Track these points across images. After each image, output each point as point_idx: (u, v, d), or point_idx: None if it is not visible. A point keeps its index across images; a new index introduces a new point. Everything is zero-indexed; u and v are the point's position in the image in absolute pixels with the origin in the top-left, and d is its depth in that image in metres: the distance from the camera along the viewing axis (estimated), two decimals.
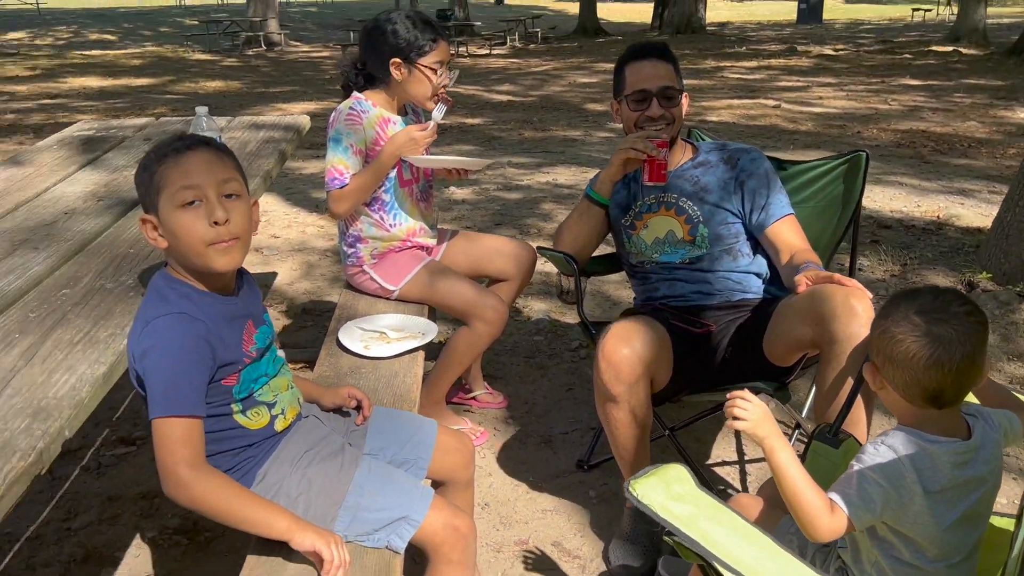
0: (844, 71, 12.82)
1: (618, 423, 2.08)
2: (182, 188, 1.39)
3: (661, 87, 2.34)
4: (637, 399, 2.05)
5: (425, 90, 2.48)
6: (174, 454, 1.36)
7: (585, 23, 22.18)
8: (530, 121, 9.01)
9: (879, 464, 1.36)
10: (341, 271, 4.26)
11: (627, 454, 2.13)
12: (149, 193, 1.41)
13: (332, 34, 22.98)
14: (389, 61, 2.44)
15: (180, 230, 1.40)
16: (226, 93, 11.87)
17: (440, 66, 2.47)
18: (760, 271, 2.40)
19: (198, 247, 1.41)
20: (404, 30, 2.44)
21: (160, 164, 1.40)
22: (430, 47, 2.44)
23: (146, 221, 1.43)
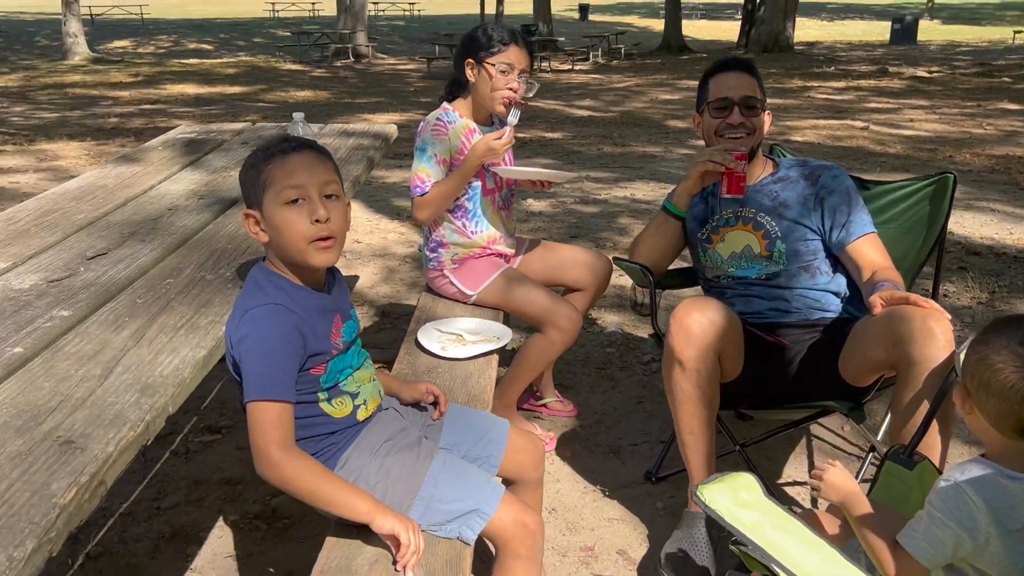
0: (938, 93, 12.45)
1: (684, 396, 2.09)
2: (287, 187, 1.48)
3: (743, 96, 2.36)
4: (706, 372, 2.05)
5: (489, 93, 2.53)
6: (266, 435, 1.44)
7: (669, 40, 22.08)
8: (610, 136, 9.03)
9: (950, 505, 1.33)
10: (420, 276, 4.38)
11: (691, 436, 2.12)
12: (254, 189, 1.51)
13: (418, 47, 23.44)
14: (464, 62, 2.54)
15: (283, 226, 1.49)
16: (315, 102, 12.25)
17: (509, 68, 2.50)
18: (839, 290, 2.38)
19: (299, 243, 1.49)
20: (482, 32, 2.54)
21: (267, 163, 1.50)
22: (499, 48, 2.50)
23: (249, 216, 1.53)
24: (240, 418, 2.98)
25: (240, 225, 2.28)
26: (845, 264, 2.35)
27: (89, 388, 1.38)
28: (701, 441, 2.12)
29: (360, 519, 1.49)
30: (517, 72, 2.53)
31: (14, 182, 6.75)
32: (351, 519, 1.50)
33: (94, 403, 1.34)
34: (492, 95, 2.53)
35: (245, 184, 1.54)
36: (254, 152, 1.55)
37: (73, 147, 8.36)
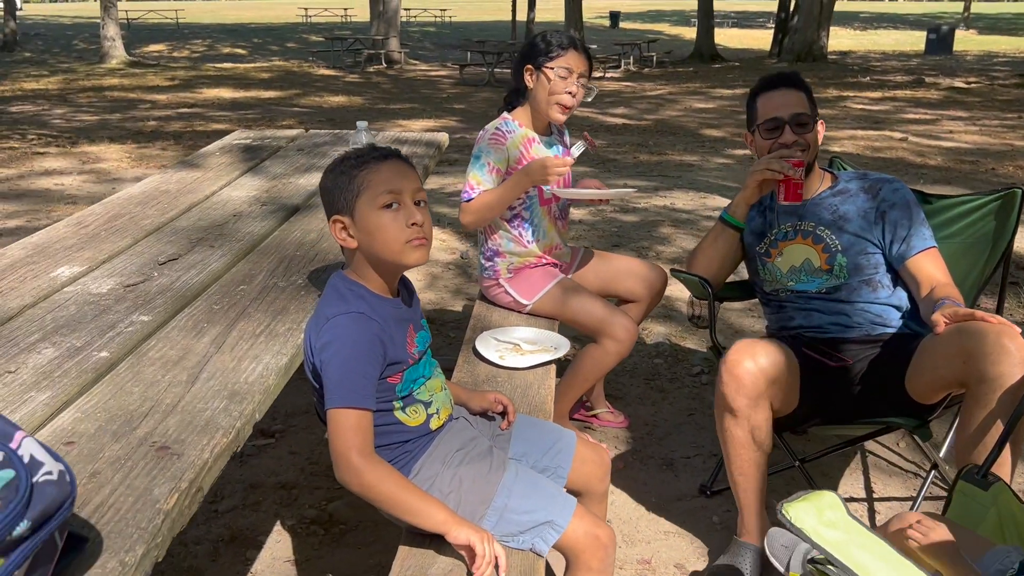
0: (976, 104, 12.29)
1: (735, 441, 2.09)
2: (385, 192, 1.51)
3: (793, 114, 2.34)
4: (758, 418, 2.05)
5: (545, 94, 2.53)
6: (347, 441, 1.45)
7: (701, 48, 22.00)
8: (645, 145, 9.01)
9: None
10: (463, 283, 4.40)
11: (742, 478, 2.12)
12: (346, 195, 1.53)
13: (449, 54, 23.57)
14: (523, 68, 2.55)
15: (381, 229, 1.52)
16: (349, 108, 12.34)
17: (568, 73, 2.50)
18: (900, 304, 2.35)
19: (395, 244, 1.53)
20: (541, 38, 2.55)
21: (361, 170, 1.53)
22: (558, 52, 2.50)
23: (338, 221, 1.55)
24: (293, 422, 3.01)
25: (307, 232, 2.30)
26: (904, 278, 2.32)
27: (177, 394, 1.40)
28: (751, 482, 2.12)
29: (436, 529, 1.50)
30: (576, 76, 2.53)
31: (59, 184, 6.87)
32: (427, 528, 1.51)
33: (184, 409, 1.36)
34: (549, 99, 2.53)
35: (333, 190, 1.56)
36: (340, 160, 1.57)
37: (114, 150, 8.49)
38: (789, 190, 2.30)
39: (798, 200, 2.31)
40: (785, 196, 2.31)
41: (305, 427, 2.99)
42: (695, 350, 3.61)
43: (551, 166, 2.40)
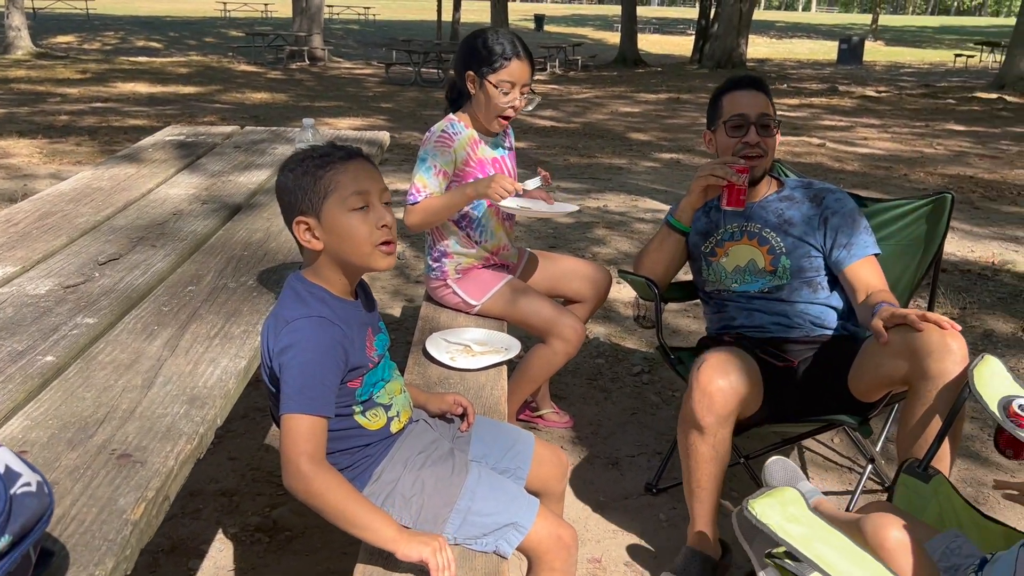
0: (887, 113, 12.84)
1: (699, 456, 2.10)
2: (354, 193, 1.48)
3: (759, 114, 2.38)
4: (723, 434, 2.08)
5: (490, 110, 2.50)
6: (298, 447, 1.41)
7: (625, 53, 22.35)
8: (575, 147, 9.09)
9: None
10: (403, 284, 4.36)
11: (699, 490, 2.14)
12: (311, 196, 1.48)
13: (374, 52, 23.32)
14: (465, 73, 2.50)
15: (351, 231, 1.48)
16: (272, 105, 12.08)
17: (510, 87, 2.46)
18: (837, 306, 2.42)
19: (366, 247, 1.49)
20: (483, 44, 2.46)
21: (327, 170, 1.48)
22: (501, 64, 2.44)
23: (301, 223, 1.50)
24: (232, 427, 2.92)
25: (252, 232, 2.24)
26: (843, 284, 2.39)
27: (134, 399, 1.35)
28: (708, 494, 2.14)
29: (384, 546, 1.45)
30: (519, 88, 2.49)
31: None
32: (374, 544, 1.46)
33: (142, 415, 1.30)
34: (489, 113, 2.50)
35: (295, 190, 1.51)
36: (301, 159, 1.52)
37: (24, 145, 8.09)
38: (732, 196, 2.33)
39: (741, 206, 2.35)
40: (728, 201, 2.35)
41: (245, 432, 2.91)
42: (635, 350, 3.65)
43: (500, 185, 2.37)
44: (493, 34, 2.49)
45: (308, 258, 1.57)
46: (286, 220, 1.54)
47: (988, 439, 2.95)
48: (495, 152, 2.63)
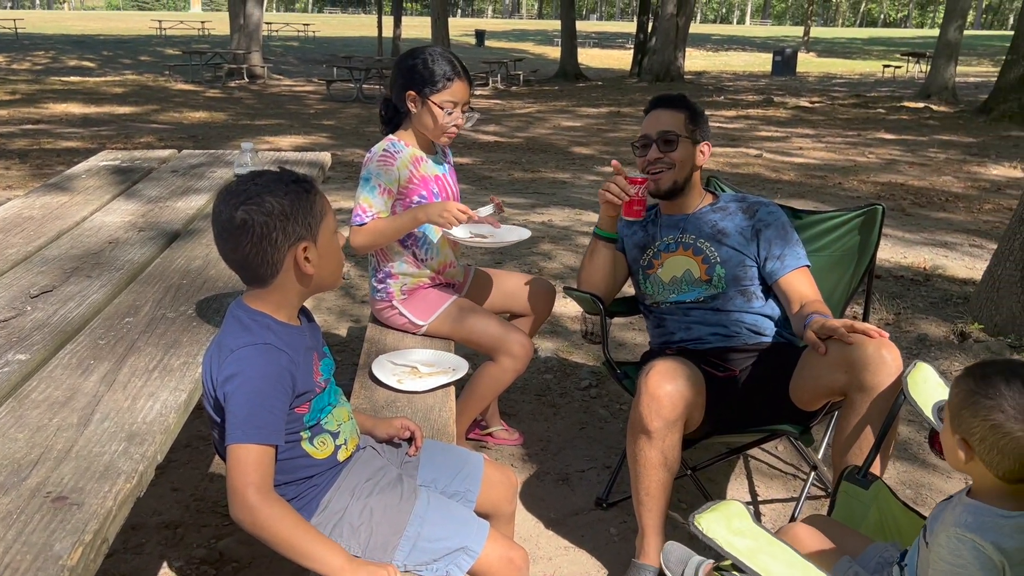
0: (821, 123, 13.20)
1: (648, 462, 2.12)
2: (334, 217, 1.53)
3: (660, 131, 2.46)
4: (671, 440, 2.10)
5: (433, 128, 2.53)
6: (245, 477, 1.39)
7: (566, 67, 22.59)
8: (519, 162, 9.15)
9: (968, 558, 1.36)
10: (348, 305, 4.32)
11: (648, 498, 2.15)
12: (310, 219, 1.48)
13: (314, 69, 23.15)
14: (405, 93, 2.51)
15: (334, 253, 1.54)
16: (211, 124, 11.89)
17: (453, 106, 2.50)
18: (772, 314, 2.48)
19: (339, 270, 1.57)
20: (423, 64, 2.49)
21: (312, 197, 1.50)
22: (443, 85, 2.48)
23: (304, 248, 1.49)
24: (174, 457, 2.86)
25: (191, 259, 2.20)
26: (777, 294, 2.46)
27: (69, 438, 1.31)
28: (657, 503, 2.16)
29: (332, 575, 1.44)
30: (460, 107, 2.53)
31: None
32: (323, 573, 1.44)
33: (79, 454, 1.27)
34: (434, 131, 2.53)
35: (294, 214, 1.47)
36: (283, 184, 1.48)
37: None
38: (627, 207, 2.40)
39: (638, 216, 2.41)
40: (624, 212, 2.41)
41: (187, 462, 2.84)
42: (583, 364, 3.68)
43: (451, 213, 2.39)
44: (432, 55, 2.52)
45: (264, 282, 1.54)
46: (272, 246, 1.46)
47: (924, 442, 3.04)
48: (437, 169, 2.63)
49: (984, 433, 1.37)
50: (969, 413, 1.39)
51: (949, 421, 1.44)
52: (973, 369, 1.45)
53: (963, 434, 1.40)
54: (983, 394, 1.38)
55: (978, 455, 1.39)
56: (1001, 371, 1.41)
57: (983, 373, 1.42)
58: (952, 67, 16.72)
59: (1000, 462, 1.37)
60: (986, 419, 1.37)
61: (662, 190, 2.49)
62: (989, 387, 1.39)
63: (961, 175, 8.57)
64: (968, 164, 9.25)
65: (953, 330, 3.92)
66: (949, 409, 1.45)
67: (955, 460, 1.45)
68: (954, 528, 1.39)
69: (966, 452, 1.40)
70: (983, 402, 1.38)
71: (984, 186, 8.02)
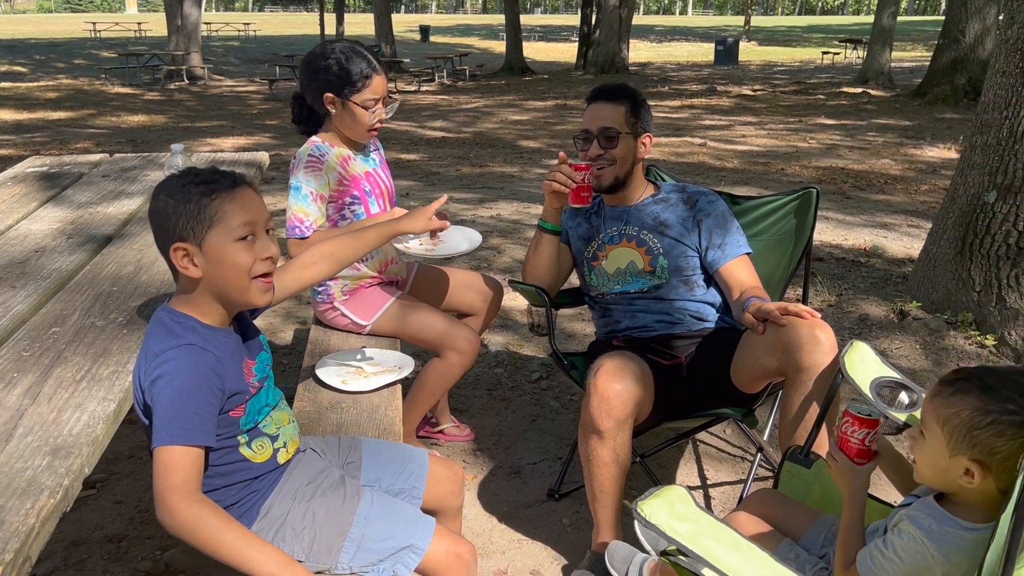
0: (763, 110, 13.39)
1: (600, 461, 2.13)
2: (242, 223, 1.44)
3: (601, 127, 2.45)
4: (622, 437, 2.11)
5: (358, 128, 2.47)
6: (167, 480, 1.36)
7: (512, 61, 22.57)
8: (466, 157, 9.12)
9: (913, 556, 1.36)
10: (294, 307, 4.26)
11: (602, 494, 2.16)
12: (194, 224, 1.43)
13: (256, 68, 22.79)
14: (323, 95, 2.44)
15: (235, 262, 1.45)
16: (151, 127, 11.63)
17: (375, 103, 2.44)
18: (714, 302, 2.51)
19: (244, 280, 1.46)
20: (337, 65, 2.40)
21: (212, 198, 1.44)
22: (363, 83, 2.41)
23: (180, 249, 1.45)
24: (116, 469, 2.79)
25: (123, 265, 2.14)
26: (718, 282, 2.49)
27: None
28: (610, 498, 2.17)
29: None
30: (382, 101, 2.47)
31: None
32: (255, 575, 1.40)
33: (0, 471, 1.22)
34: (358, 129, 2.47)
35: (175, 216, 1.44)
36: (183, 184, 1.45)
37: None
38: (574, 194, 2.39)
39: (586, 203, 2.41)
40: (572, 200, 2.40)
41: (130, 473, 2.77)
42: (533, 357, 3.68)
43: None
44: (344, 53, 2.42)
45: (181, 286, 1.51)
46: (160, 245, 1.48)
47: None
48: (367, 165, 2.59)
49: (1011, 451, 1.29)
50: (989, 434, 1.30)
51: (947, 443, 1.34)
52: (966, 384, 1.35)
53: (979, 456, 1.31)
54: (1000, 410, 1.29)
55: (994, 474, 1.31)
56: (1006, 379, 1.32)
57: (984, 385, 1.33)
58: (887, 52, 17.11)
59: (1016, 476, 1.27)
60: (1015, 437, 1.28)
61: (604, 186, 2.49)
62: (1006, 402, 1.30)
63: (898, 158, 8.77)
64: (905, 147, 9.47)
65: (893, 309, 4.01)
66: (948, 431, 1.34)
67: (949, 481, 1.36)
68: (918, 529, 1.37)
69: (981, 473, 1.32)
70: (1005, 420, 1.29)
71: (920, 168, 8.22)
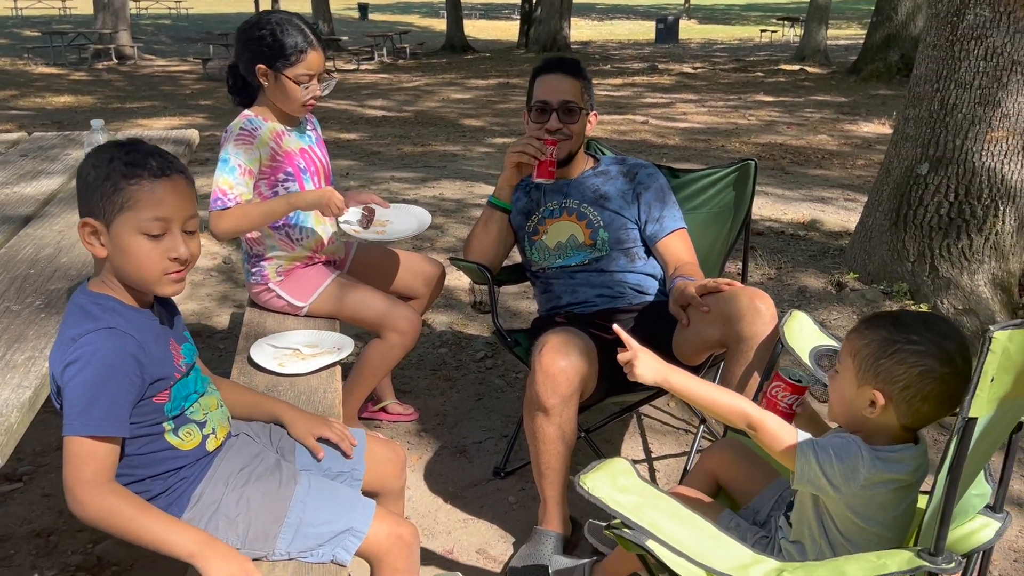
0: (703, 88, 13.51)
1: (546, 438, 2.11)
2: (153, 219, 1.37)
3: (562, 101, 2.42)
4: (568, 414, 2.09)
5: (291, 104, 2.39)
6: (77, 472, 1.33)
7: (453, 40, 22.33)
8: (408, 136, 9.00)
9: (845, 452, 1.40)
10: (229, 289, 4.15)
11: (548, 471, 2.15)
12: (105, 203, 1.36)
13: (189, 47, 22.13)
14: (255, 67, 2.35)
15: (138, 255, 1.38)
16: (78, 108, 11.22)
17: (309, 79, 2.36)
18: (655, 273, 2.52)
19: (150, 274, 1.40)
20: (271, 36, 2.31)
21: (129, 182, 1.35)
22: (297, 58, 2.32)
23: (88, 225, 1.37)
24: (44, 461, 2.69)
25: (41, 247, 2.04)
26: (656, 256, 2.50)
27: None
28: (557, 475, 2.15)
29: (185, 559, 1.37)
30: (317, 77, 2.38)
31: None
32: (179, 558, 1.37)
33: None
34: (292, 104, 2.39)
35: (91, 190, 1.37)
36: (110, 157, 1.37)
37: None
38: (541, 168, 2.36)
39: (550, 178, 2.38)
40: (538, 174, 2.37)
41: (59, 465, 2.62)
42: (478, 335, 3.65)
43: (336, 201, 2.31)
44: (280, 24, 2.33)
45: (98, 265, 1.44)
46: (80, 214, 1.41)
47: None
48: (302, 142, 2.51)
49: (910, 380, 1.36)
50: (893, 362, 1.37)
51: (855, 374, 1.42)
52: (877, 319, 1.43)
53: (881, 384, 1.38)
54: (905, 340, 1.36)
55: (895, 404, 1.38)
56: (914, 317, 1.40)
57: (895, 321, 1.40)
58: (823, 30, 17.38)
59: (919, 408, 1.37)
60: (915, 365, 1.35)
61: (560, 159, 2.45)
62: (911, 332, 1.37)
63: (835, 133, 8.93)
64: (841, 122, 9.65)
65: (831, 281, 4.08)
66: (857, 362, 1.42)
67: (855, 413, 1.43)
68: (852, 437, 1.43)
69: (882, 403, 1.38)
70: (908, 348, 1.36)
71: (856, 143, 8.38)
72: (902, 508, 1.44)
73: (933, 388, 1.36)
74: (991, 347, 1.17)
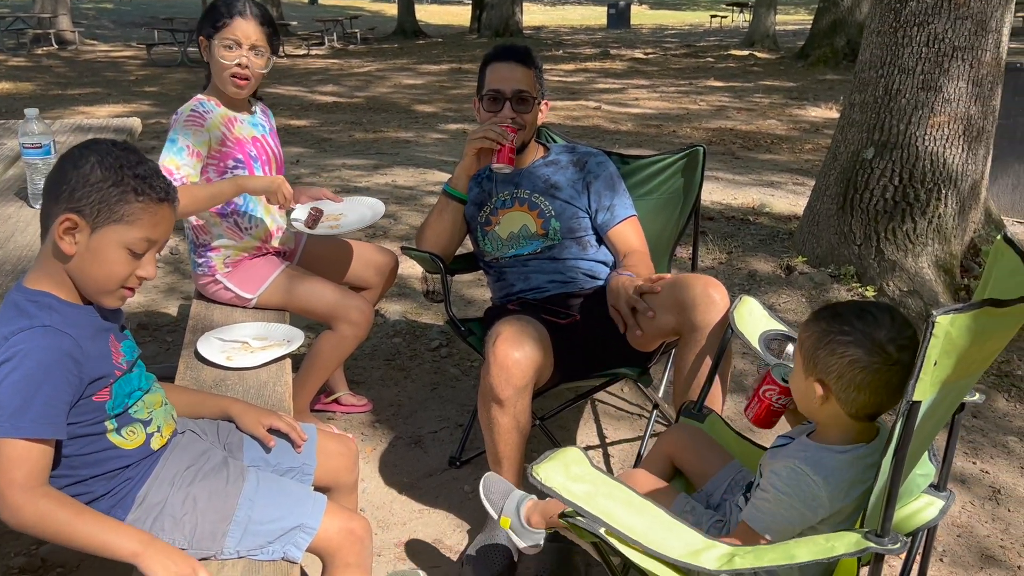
0: (655, 73, 13.58)
1: (501, 428, 2.10)
2: (144, 239, 1.39)
3: (515, 90, 2.40)
4: (522, 404, 2.08)
5: (219, 75, 2.34)
6: (8, 476, 1.28)
7: (404, 25, 22.11)
8: (359, 123, 8.89)
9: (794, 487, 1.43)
10: (176, 281, 4.06)
11: (504, 460, 2.14)
12: (102, 207, 1.35)
13: (133, 32, 21.57)
14: (199, 40, 2.35)
15: (111, 267, 1.38)
16: (16, 96, 10.86)
17: (234, 44, 2.30)
18: (606, 260, 2.52)
19: (109, 285, 1.40)
20: (212, 7, 2.32)
21: (138, 198, 1.37)
22: (224, 22, 2.29)
23: (70, 221, 1.34)
24: None
25: None
26: (607, 245, 2.50)
27: None
28: (512, 464, 2.15)
29: (127, 560, 1.34)
30: (246, 48, 2.31)
31: None
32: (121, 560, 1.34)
33: None
34: (222, 73, 2.33)
35: (90, 188, 1.35)
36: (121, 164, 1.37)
37: None
38: (502, 155, 2.35)
39: (511, 164, 2.36)
40: (499, 159, 2.35)
41: None
42: (432, 325, 3.62)
43: (285, 191, 2.32)
44: None
45: (45, 255, 1.40)
46: (50, 198, 1.38)
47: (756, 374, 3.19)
48: (255, 130, 2.46)
49: (842, 370, 1.40)
50: (826, 352, 1.41)
51: (802, 365, 1.47)
52: (822, 311, 1.48)
53: (820, 375, 1.43)
54: (838, 331, 1.40)
55: (835, 394, 1.42)
56: (851, 309, 1.44)
57: (833, 313, 1.45)
58: (772, 16, 17.60)
59: (856, 398, 1.40)
60: (843, 355, 1.39)
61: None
62: (843, 324, 1.41)
63: (784, 118, 9.05)
64: (790, 107, 9.78)
65: (780, 264, 4.13)
66: (802, 353, 1.47)
67: (808, 404, 1.48)
68: (793, 460, 1.45)
69: (822, 393, 1.43)
70: (839, 339, 1.40)
71: (804, 127, 8.50)
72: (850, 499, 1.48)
73: (864, 377, 1.38)
74: (934, 331, 1.19)
